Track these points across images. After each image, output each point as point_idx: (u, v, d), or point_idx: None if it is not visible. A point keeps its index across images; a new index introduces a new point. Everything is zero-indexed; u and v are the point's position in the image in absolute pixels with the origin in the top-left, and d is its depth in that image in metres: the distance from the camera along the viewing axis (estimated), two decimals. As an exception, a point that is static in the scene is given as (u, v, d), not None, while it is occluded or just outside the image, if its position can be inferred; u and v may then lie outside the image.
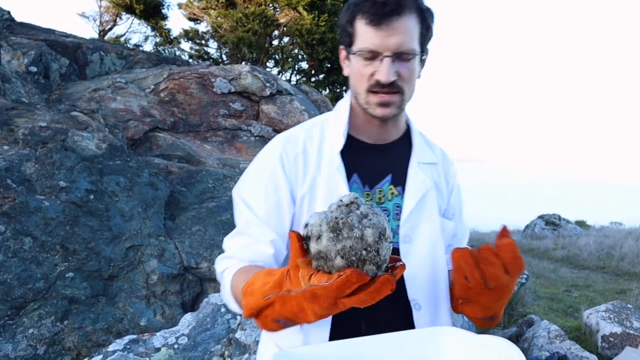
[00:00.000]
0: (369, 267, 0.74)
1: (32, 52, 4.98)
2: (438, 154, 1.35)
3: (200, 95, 5.02)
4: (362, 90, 1.16)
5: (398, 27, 1.09)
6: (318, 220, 0.76)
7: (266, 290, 0.87)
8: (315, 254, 0.76)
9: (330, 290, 0.73)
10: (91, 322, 2.82)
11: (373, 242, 0.74)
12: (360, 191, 1.19)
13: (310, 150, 1.20)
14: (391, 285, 0.74)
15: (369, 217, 0.75)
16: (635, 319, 3.76)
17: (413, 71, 1.15)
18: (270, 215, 1.15)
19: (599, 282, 6.70)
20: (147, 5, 11.66)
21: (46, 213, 3.00)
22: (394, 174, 1.23)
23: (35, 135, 3.34)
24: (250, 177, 1.22)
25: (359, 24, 1.12)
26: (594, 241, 9.43)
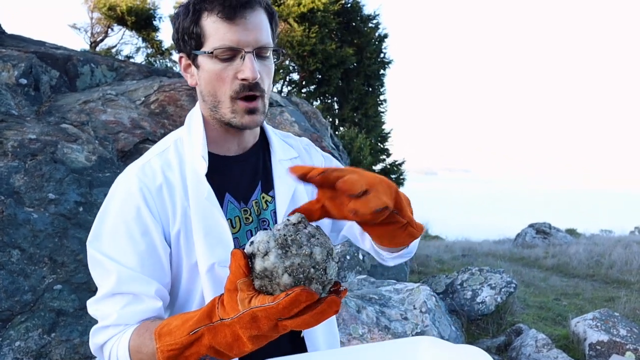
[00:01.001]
0: (316, 286, 0.72)
1: (22, 64, 4.99)
2: (297, 147, 1.28)
3: (190, 107, 5.05)
4: (225, 98, 1.04)
5: (253, 20, 1.01)
6: (265, 237, 0.73)
7: (190, 325, 0.80)
8: (260, 272, 0.73)
9: (275, 310, 0.68)
10: (79, 334, 2.82)
11: (322, 260, 0.72)
12: (237, 210, 1.10)
13: (172, 179, 1.06)
14: (337, 307, 0.70)
15: (316, 236, 0.75)
16: (622, 327, 3.80)
17: (271, 69, 1.08)
18: (145, 264, 0.99)
19: (588, 290, 6.75)
20: (139, 17, 11.73)
21: (35, 225, 3.01)
22: (262, 181, 1.16)
23: (24, 148, 3.35)
24: (109, 226, 1.02)
25: (207, 21, 1.01)
26: (584, 249, 9.51)
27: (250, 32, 1.01)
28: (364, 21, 13.14)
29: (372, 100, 13.17)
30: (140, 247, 1.00)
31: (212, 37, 1.01)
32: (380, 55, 13.56)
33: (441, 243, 13.22)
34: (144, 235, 1.00)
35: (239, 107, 1.04)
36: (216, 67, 1.02)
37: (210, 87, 1.06)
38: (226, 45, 1.00)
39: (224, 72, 1.02)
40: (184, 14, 1.04)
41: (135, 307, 0.97)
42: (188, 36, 1.04)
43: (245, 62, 1.01)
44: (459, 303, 4.54)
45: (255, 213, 1.12)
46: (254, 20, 1.01)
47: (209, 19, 1.01)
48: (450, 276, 5.08)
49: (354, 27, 12.86)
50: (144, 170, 1.06)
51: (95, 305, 1.01)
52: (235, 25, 0.99)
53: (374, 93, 13.54)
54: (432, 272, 7.95)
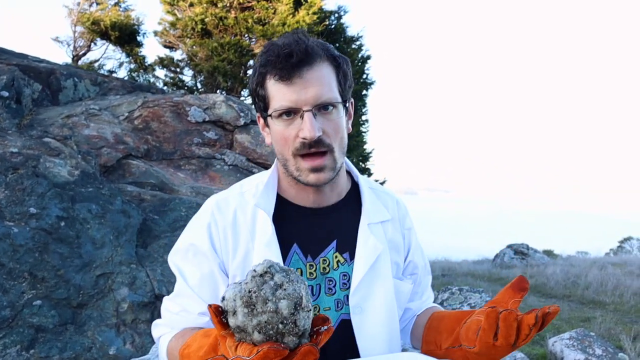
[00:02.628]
0: (290, 338, 0.72)
1: (4, 76, 4.95)
2: (391, 207, 1.26)
3: (174, 124, 5.06)
4: (289, 156, 1.06)
5: (311, 77, 1.00)
6: (232, 294, 0.74)
7: (201, 355, 0.86)
8: (234, 328, 0.75)
9: None
10: (58, 351, 2.77)
11: (289, 314, 0.71)
12: (301, 263, 1.11)
13: (241, 220, 1.11)
14: (313, 355, 0.72)
15: (284, 286, 0.73)
16: (597, 347, 3.87)
17: (339, 124, 1.06)
18: (203, 286, 1.10)
19: (565, 311, 6.85)
20: (123, 32, 11.71)
21: (15, 239, 2.97)
22: (338, 240, 1.14)
23: (5, 161, 3.32)
24: (183, 243, 1.15)
25: (269, 84, 1.04)
26: (561, 270, 9.65)
27: (308, 90, 1.00)
28: (348, 42, 13.33)
29: (354, 120, 13.31)
30: (201, 270, 1.10)
31: (274, 99, 1.03)
32: (363, 76, 13.74)
33: (421, 262, 13.27)
34: (206, 261, 1.11)
35: (302, 165, 1.05)
36: (279, 127, 1.04)
37: (278, 147, 1.08)
38: (284, 106, 1.02)
39: (286, 132, 1.04)
40: (252, 77, 1.08)
41: (184, 317, 1.10)
42: (257, 98, 1.08)
43: (304, 121, 1.01)
44: (439, 322, 4.58)
45: (321, 271, 1.12)
46: (311, 77, 1.01)
47: (270, 82, 1.03)
48: (430, 295, 5.12)
49: (337, 48, 13.04)
50: (220, 206, 1.14)
51: (164, 302, 1.16)
52: (293, 85, 1.00)
53: (356, 113, 13.68)
54: (412, 291, 8.00)
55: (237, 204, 1.14)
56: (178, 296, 1.12)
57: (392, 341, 1.13)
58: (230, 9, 10.84)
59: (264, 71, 1.04)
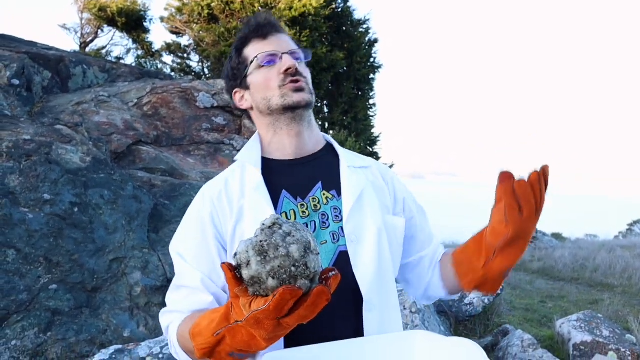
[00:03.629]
0: (302, 281, 0.75)
1: (15, 65, 4.99)
2: (369, 161, 1.34)
3: (183, 110, 5.09)
4: (274, 91, 1.18)
5: (282, 37, 1.23)
6: (244, 247, 0.78)
7: (214, 327, 0.87)
8: (248, 280, 0.77)
9: (269, 312, 0.74)
10: (75, 333, 2.85)
11: (300, 257, 0.75)
12: (293, 204, 1.17)
13: (232, 184, 1.19)
14: (326, 296, 0.75)
15: (292, 234, 0.77)
16: (605, 328, 3.91)
17: (307, 70, 1.23)
18: (199, 256, 1.13)
19: (573, 293, 6.88)
20: (129, 18, 11.71)
21: (30, 225, 3.03)
22: (323, 180, 1.22)
23: (19, 148, 3.37)
24: (181, 230, 1.20)
25: (248, 49, 1.22)
26: (569, 253, 9.66)
27: (282, 43, 1.21)
28: (355, 26, 13.23)
29: (362, 104, 13.27)
30: (195, 241, 1.14)
31: (254, 54, 1.21)
32: (370, 60, 13.66)
33: (429, 246, 13.32)
34: (201, 232, 1.14)
35: (287, 88, 1.18)
36: (262, 73, 1.19)
37: (262, 92, 1.21)
38: (265, 53, 1.19)
39: (269, 73, 1.19)
40: (229, 60, 1.25)
41: (189, 298, 1.10)
42: (237, 71, 1.24)
43: (284, 59, 1.18)
44: (447, 304, 4.62)
45: (312, 208, 1.18)
46: (283, 38, 1.23)
47: (249, 47, 1.22)
48: (438, 278, 5.16)
49: (344, 32, 12.94)
50: (209, 185, 1.22)
51: (168, 294, 1.17)
52: (269, 40, 1.21)
53: (364, 97, 13.63)
54: (420, 274, 8.05)
55: (226, 175, 1.23)
56: (181, 278, 1.13)
57: (385, 268, 1.18)
58: (236, -6, 10.78)
59: (240, 44, 1.23)
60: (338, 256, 1.14)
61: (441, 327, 3.89)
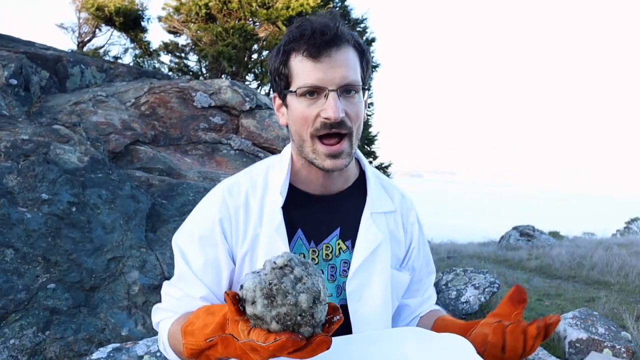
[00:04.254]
0: (305, 329, 0.75)
1: (12, 64, 5.00)
2: (397, 200, 1.25)
3: (180, 109, 5.10)
4: (307, 137, 1.05)
5: (339, 58, 1.00)
6: (252, 285, 0.76)
7: (207, 332, 0.88)
8: (251, 316, 0.77)
9: (267, 350, 0.74)
10: (73, 332, 2.86)
11: (307, 307, 0.74)
12: (304, 249, 1.12)
13: (252, 203, 1.12)
14: (327, 345, 0.75)
15: (303, 280, 0.75)
16: (600, 326, 3.93)
17: (360, 108, 1.05)
18: (206, 271, 1.09)
19: (570, 291, 6.90)
20: (127, 18, 11.71)
21: (28, 225, 3.05)
22: (342, 227, 1.15)
23: (17, 148, 3.39)
24: (190, 227, 1.14)
25: (294, 61, 1.02)
26: (566, 251, 9.68)
27: (335, 70, 0.99)
28: (352, 25, 13.26)
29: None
30: (207, 256, 1.10)
31: (299, 77, 1.01)
32: (368, 59, 13.69)
33: (427, 245, 13.34)
34: (212, 247, 1.10)
35: (320, 149, 1.04)
36: (301, 105, 1.02)
37: (297, 127, 1.06)
38: (309, 83, 1.00)
39: (308, 111, 1.02)
40: (275, 56, 1.06)
41: (185, 302, 1.09)
42: (278, 77, 1.06)
43: (328, 101, 1.00)
44: (444, 302, 4.65)
45: (324, 257, 1.13)
46: (340, 58, 1.00)
47: (297, 59, 1.01)
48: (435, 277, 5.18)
49: (342, 31, 12.99)
50: (231, 190, 1.13)
51: (164, 287, 1.15)
52: (320, 63, 0.99)
53: (362, 96, 13.66)
54: (418, 273, 8.07)
55: (248, 186, 1.14)
56: (180, 281, 1.11)
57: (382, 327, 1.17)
58: (234, -7, 10.80)
59: (290, 48, 1.02)
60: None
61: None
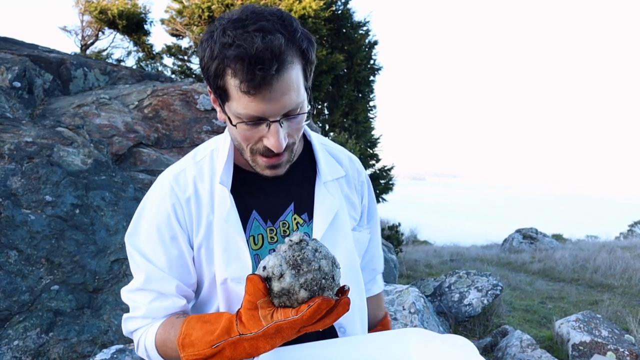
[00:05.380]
0: (328, 292, 0.84)
1: (16, 67, 5.03)
2: (345, 163, 1.25)
3: (183, 112, 5.11)
4: (246, 150, 1.02)
5: (281, 87, 0.89)
6: (277, 261, 0.83)
7: (212, 339, 0.90)
8: (278, 292, 0.83)
9: (300, 321, 0.79)
10: (76, 333, 2.87)
11: (329, 270, 0.83)
12: (262, 229, 1.11)
13: (201, 191, 1.09)
14: (348, 306, 0.83)
15: (319, 250, 0.85)
16: (604, 328, 3.92)
17: (301, 124, 1.00)
18: (172, 265, 1.06)
19: (573, 294, 6.89)
20: (130, 21, 11.73)
21: (32, 227, 3.06)
22: (296, 202, 1.14)
23: (21, 150, 3.40)
24: (144, 224, 1.09)
25: (231, 83, 0.90)
26: (570, 254, 9.67)
27: (277, 102, 0.90)
28: (355, 28, 13.25)
29: (362, 106, 13.28)
30: (170, 251, 1.06)
31: (236, 103, 0.92)
32: (370, 62, 13.68)
33: (429, 248, 13.34)
34: (172, 240, 1.07)
35: (259, 161, 1.02)
36: (241, 128, 0.96)
37: (236, 137, 1.02)
38: (248, 115, 0.93)
39: (249, 134, 0.97)
40: (207, 61, 0.93)
41: (161, 303, 1.05)
42: (212, 83, 0.95)
43: (270, 131, 0.94)
44: (446, 305, 4.64)
45: (282, 234, 1.12)
46: (281, 86, 0.89)
47: (231, 80, 0.90)
48: (438, 279, 5.17)
49: (344, 34, 12.97)
50: (178, 180, 1.09)
51: (127, 294, 1.09)
52: (260, 95, 0.89)
53: (364, 99, 13.65)
54: (420, 275, 8.06)
55: (195, 173, 1.11)
56: (148, 282, 1.05)
57: (358, 292, 1.20)
58: (236, -4, 10.83)
59: (223, 67, 0.90)
60: None
61: (440, 327, 3.91)
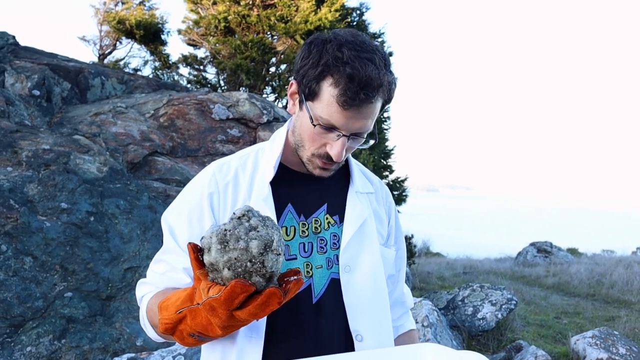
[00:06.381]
0: (256, 279, 0.76)
1: (35, 75, 5.11)
2: (375, 184, 1.35)
3: (198, 121, 5.15)
4: (308, 151, 1.12)
5: (366, 112, 1.04)
6: (210, 232, 0.78)
7: (178, 304, 0.88)
8: (208, 266, 0.78)
9: (220, 302, 0.75)
10: (88, 341, 2.88)
11: (257, 253, 0.75)
12: (295, 221, 1.15)
13: (242, 180, 1.16)
14: (278, 298, 0.75)
15: (258, 229, 0.78)
16: (621, 345, 3.84)
17: (360, 143, 1.13)
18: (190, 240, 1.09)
19: (589, 310, 6.77)
20: (147, 31, 11.88)
21: (47, 233, 3.08)
22: (329, 203, 1.20)
23: (38, 158, 3.44)
24: (179, 203, 1.17)
25: (327, 90, 1.02)
26: (585, 269, 9.53)
27: (356, 122, 1.04)
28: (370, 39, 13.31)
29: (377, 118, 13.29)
30: (193, 229, 1.11)
31: (323, 106, 1.03)
32: (385, 73, 13.70)
33: (442, 260, 13.24)
34: (199, 220, 1.11)
35: (316, 162, 1.12)
36: (317, 129, 1.06)
37: (301, 134, 1.11)
38: (329, 122, 1.04)
39: (318, 136, 1.08)
40: (313, 62, 1.04)
41: (168, 275, 1.09)
42: (307, 82, 1.05)
43: (337, 142, 1.06)
44: (460, 319, 4.59)
45: (313, 230, 1.17)
46: (366, 111, 1.04)
47: (330, 90, 1.01)
48: (451, 292, 5.12)
49: (359, 45, 13.04)
50: (222, 167, 1.18)
51: (151, 264, 1.15)
52: (348, 112, 1.02)
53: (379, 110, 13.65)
54: (433, 288, 7.99)
55: (238, 164, 1.19)
56: (165, 253, 1.12)
57: (379, 300, 1.19)
58: (252, 7, 10.92)
59: (328, 74, 1.02)
60: (330, 282, 1.15)
61: (454, 341, 3.86)
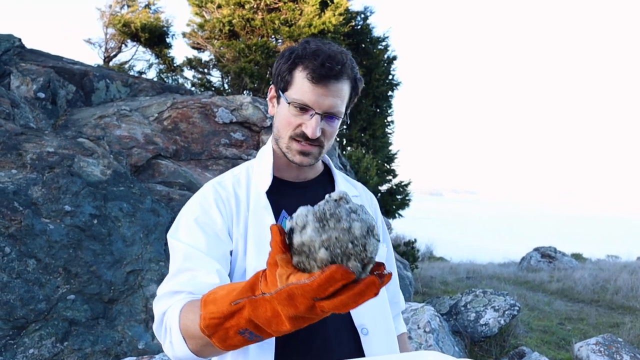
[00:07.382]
0: (354, 263, 0.67)
1: (41, 78, 5.13)
2: (359, 188, 1.46)
3: (202, 125, 5.16)
4: (285, 136, 1.22)
5: (334, 89, 1.16)
6: (304, 211, 0.71)
7: (234, 295, 0.79)
8: (297, 247, 0.69)
9: (310, 288, 0.65)
10: (90, 344, 2.88)
11: (360, 235, 0.67)
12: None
13: (240, 194, 1.24)
14: (376, 288, 0.66)
15: (358, 212, 0.70)
16: (625, 353, 3.82)
17: (335, 130, 1.24)
18: (211, 247, 1.10)
19: (593, 316, 6.74)
20: (152, 34, 11.94)
21: (51, 236, 3.09)
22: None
23: (42, 160, 3.46)
24: (185, 219, 1.16)
25: (298, 75, 1.17)
26: (589, 274, 9.48)
27: (327, 98, 1.16)
28: (374, 43, 13.30)
29: (380, 121, 13.27)
30: (208, 232, 1.13)
31: (296, 89, 1.17)
32: (389, 77, 13.70)
33: (445, 264, 13.20)
34: (211, 226, 1.15)
35: (293, 146, 1.22)
36: (289, 112, 1.19)
37: (280, 124, 1.23)
38: (302, 101, 1.16)
39: (293, 119, 1.19)
40: (284, 60, 1.20)
41: (196, 279, 1.02)
42: (281, 77, 1.21)
43: (311, 121, 1.17)
44: (462, 324, 4.57)
45: None
46: (335, 89, 1.16)
47: (301, 74, 1.16)
48: (454, 297, 5.10)
49: (363, 49, 13.03)
50: (220, 183, 1.26)
51: (161, 286, 1.08)
52: (318, 88, 1.15)
53: (382, 114, 13.65)
54: (436, 293, 7.96)
55: (233, 181, 1.27)
56: (187, 260, 1.06)
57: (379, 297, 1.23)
58: (257, 11, 10.96)
59: (299, 61, 1.16)
60: None
61: (456, 347, 3.84)
